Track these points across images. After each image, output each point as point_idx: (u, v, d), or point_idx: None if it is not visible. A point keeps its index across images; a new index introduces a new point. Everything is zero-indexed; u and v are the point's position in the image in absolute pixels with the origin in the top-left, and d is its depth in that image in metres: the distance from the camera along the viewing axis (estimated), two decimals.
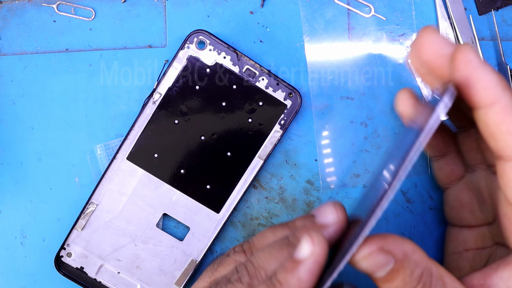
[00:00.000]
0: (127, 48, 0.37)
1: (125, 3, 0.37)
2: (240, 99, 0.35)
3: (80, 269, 0.36)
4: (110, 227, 0.36)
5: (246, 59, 0.35)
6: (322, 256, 0.22)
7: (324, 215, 0.24)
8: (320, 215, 0.25)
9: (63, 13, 0.37)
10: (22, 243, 0.37)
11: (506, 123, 0.21)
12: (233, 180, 0.36)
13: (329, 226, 0.24)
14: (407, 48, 0.37)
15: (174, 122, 0.35)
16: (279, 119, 0.36)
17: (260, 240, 0.27)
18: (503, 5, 0.37)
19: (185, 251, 0.36)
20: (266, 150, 0.36)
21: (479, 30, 0.38)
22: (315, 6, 0.37)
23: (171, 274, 0.36)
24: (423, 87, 0.37)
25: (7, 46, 0.37)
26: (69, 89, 0.37)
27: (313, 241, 0.22)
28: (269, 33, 0.37)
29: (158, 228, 0.36)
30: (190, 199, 0.36)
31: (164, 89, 0.35)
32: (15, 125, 0.37)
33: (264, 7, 0.37)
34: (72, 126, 0.37)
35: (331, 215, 0.24)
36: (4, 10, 0.37)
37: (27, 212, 0.37)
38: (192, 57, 0.35)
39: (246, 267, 0.24)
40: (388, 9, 0.37)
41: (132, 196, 0.36)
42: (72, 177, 0.37)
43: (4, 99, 0.37)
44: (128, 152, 0.35)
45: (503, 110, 0.21)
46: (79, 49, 0.37)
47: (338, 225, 0.24)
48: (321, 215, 0.24)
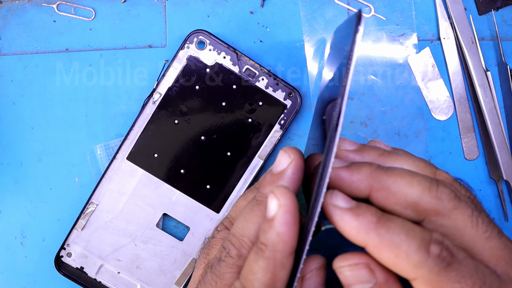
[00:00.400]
0: (127, 48, 0.37)
1: (125, 3, 0.37)
2: (240, 99, 0.35)
3: (80, 269, 0.36)
4: (110, 227, 0.36)
5: (246, 59, 0.35)
6: (290, 204, 0.22)
7: (278, 162, 0.25)
8: (275, 164, 0.25)
9: (63, 13, 0.37)
10: (22, 243, 0.37)
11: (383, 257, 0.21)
12: (233, 180, 0.36)
13: (286, 170, 0.25)
14: (406, 48, 0.37)
15: (174, 122, 0.35)
16: (279, 119, 0.36)
17: (235, 210, 0.28)
18: (503, 5, 0.37)
19: (185, 251, 0.36)
20: (266, 150, 0.36)
21: (479, 30, 0.38)
22: (315, 6, 0.37)
23: (171, 274, 0.36)
24: (423, 87, 0.37)
25: (7, 46, 0.37)
26: (69, 89, 0.37)
27: (275, 194, 0.23)
28: (269, 33, 0.37)
29: (158, 228, 0.36)
30: (190, 199, 0.36)
31: (164, 89, 0.35)
32: (15, 125, 0.37)
33: (264, 7, 0.37)
34: (72, 126, 0.37)
35: (283, 159, 0.25)
36: (4, 10, 0.37)
37: (27, 212, 0.37)
38: (192, 57, 0.35)
39: (230, 240, 0.25)
40: (388, 9, 0.37)
41: (132, 196, 0.36)
42: (72, 177, 0.37)
43: (4, 99, 0.37)
44: (128, 152, 0.35)
45: (374, 249, 0.21)
46: (79, 49, 0.37)
47: (294, 164, 0.25)
48: (276, 164, 0.25)
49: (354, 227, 0.21)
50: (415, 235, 0.21)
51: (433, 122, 0.37)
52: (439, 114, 0.37)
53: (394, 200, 0.22)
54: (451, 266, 0.20)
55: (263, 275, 0.22)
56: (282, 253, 0.22)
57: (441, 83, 0.37)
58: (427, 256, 0.20)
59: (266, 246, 0.22)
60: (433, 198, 0.22)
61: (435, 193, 0.22)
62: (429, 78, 0.37)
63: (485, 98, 0.36)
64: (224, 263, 0.24)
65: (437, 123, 0.37)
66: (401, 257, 0.21)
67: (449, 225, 0.22)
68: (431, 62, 0.37)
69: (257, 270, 0.22)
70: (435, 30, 0.37)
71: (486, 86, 0.36)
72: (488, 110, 0.36)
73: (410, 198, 0.22)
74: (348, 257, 0.22)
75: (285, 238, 0.22)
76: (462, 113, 0.37)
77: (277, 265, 0.22)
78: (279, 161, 0.25)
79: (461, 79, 0.37)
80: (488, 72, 0.37)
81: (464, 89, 0.37)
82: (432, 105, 0.37)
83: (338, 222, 0.22)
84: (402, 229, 0.21)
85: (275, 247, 0.22)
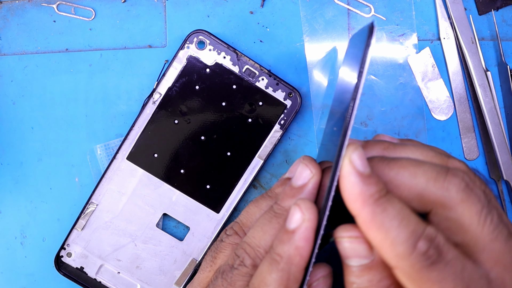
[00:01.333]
0: (127, 48, 0.37)
1: (125, 3, 0.37)
2: (240, 99, 0.35)
3: (80, 269, 0.36)
4: (110, 227, 0.36)
5: (246, 59, 0.35)
6: (314, 220, 0.22)
7: (299, 175, 0.24)
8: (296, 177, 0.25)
9: (63, 13, 0.37)
10: (22, 243, 0.37)
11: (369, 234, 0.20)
12: (233, 180, 0.36)
13: (307, 184, 0.24)
14: (406, 48, 0.37)
15: (174, 122, 0.35)
16: (279, 119, 0.36)
17: (247, 217, 0.27)
18: (503, 5, 0.37)
19: (185, 251, 0.36)
20: (266, 150, 0.36)
21: (479, 30, 0.38)
22: (315, 6, 0.37)
23: (171, 274, 0.36)
24: (423, 87, 0.37)
25: (7, 46, 0.37)
26: (69, 89, 0.37)
27: (301, 208, 0.22)
28: (269, 33, 0.37)
29: (158, 228, 0.36)
30: (190, 199, 0.36)
31: (164, 89, 0.35)
32: (15, 125, 0.37)
33: (264, 7, 0.37)
34: (72, 126, 0.37)
35: (305, 172, 0.24)
36: (4, 10, 0.37)
37: (27, 212, 0.37)
38: (192, 57, 0.35)
39: (245, 249, 0.24)
40: (388, 9, 0.37)
41: (132, 196, 0.36)
42: (72, 177, 0.37)
43: (4, 99, 0.37)
44: (128, 152, 0.35)
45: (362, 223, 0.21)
46: (79, 49, 0.37)
47: (315, 179, 0.24)
48: (296, 177, 0.24)
49: (354, 193, 0.20)
50: (407, 225, 0.20)
51: (433, 122, 0.37)
52: (439, 114, 0.37)
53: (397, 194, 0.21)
54: (434, 266, 0.20)
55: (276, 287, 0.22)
56: (297, 267, 0.22)
57: (441, 83, 0.37)
58: (412, 251, 0.20)
59: (281, 258, 0.22)
60: (439, 188, 0.21)
61: (441, 183, 0.21)
62: (429, 78, 0.37)
63: (485, 98, 0.36)
64: (237, 271, 0.24)
65: (437, 123, 0.37)
66: (386, 243, 0.20)
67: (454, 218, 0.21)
68: (431, 62, 0.37)
69: (270, 282, 0.22)
70: (435, 30, 0.37)
71: (486, 86, 0.36)
72: (488, 110, 0.36)
73: (415, 190, 0.21)
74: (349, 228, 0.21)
75: (303, 253, 0.22)
76: (462, 113, 0.37)
77: (291, 278, 0.22)
78: (300, 174, 0.24)
79: (461, 79, 0.37)
80: (488, 72, 0.37)
81: (464, 89, 0.37)
82: (432, 105, 0.37)
83: (344, 178, 0.21)
84: (397, 215, 0.20)
85: (291, 260, 0.22)
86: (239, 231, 0.27)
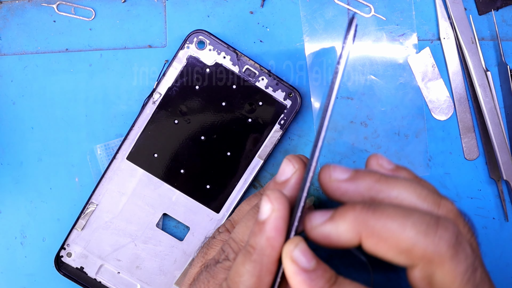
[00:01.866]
0: (127, 48, 0.37)
1: (125, 3, 0.37)
2: (240, 99, 0.35)
3: (80, 269, 0.36)
4: (110, 227, 0.36)
5: (246, 59, 0.35)
6: (283, 210, 0.22)
7: (282, 171, 0.25)
8: (279, 173, 0.25)
9: (63, 13, 0.37)
10: (22, 243, 0.37)
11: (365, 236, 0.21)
12: (233, 180, 0.36)
13: (290, 179, 0.24)
14: (406, 48, 0.37)
15: (174, 122, 0.35)
16: (279, 119, 0.36)
17: (238, 214, 0.28)
18: (503, 5, 0.37)
19: (185, 251, 0.36)
20: (266, 150, 0.36)
21: (479, 30, 0.38)
22: (315, 6, 0.37)
23: (171, 274, 0.36)
24: (423, 87, 0.37)
25: (7, 46, 0.37)
26: (69, 89, 0.37)
27: (269, 199, 0.22)
28: (269, 33, 0.37)
29: (158, 228, 0.36)
30: (190, 199, 0.36)
31: (164, 89, 0.35)
32: (15, 125, 0.37)
33: (264, 7, 0.37)
34: (72, 126, 0.37)
35: (288, 168, 0.25)
36: (4, 10, 0.37)
37: (27, 212, 0.37)
38: (192, 57, 0.35)
39: (230, 244, 0.25)
40: (388, 9, 0.37)
41: (132, 196, 0.36)
42: (72, 177, 0.37)
43: (4, 99, 0.37)
44: (128, 152, 0.35)
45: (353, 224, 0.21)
46: (79, 49, 0.37)
47: (297, 174, 0.24)
48: (279, 172, 0.25)
49: None
50: None
51: (433, 122, 0.37)
52: (439, 114, 0.37)
53: (385, 247, 0.21)
54: None
55: (249, 278, 0.22)
56: (269, 258, 0.22)
57: (441, 83, 0.37)
58: None
59: (254, 249, 0.22)
60: (429, 244, 0.20)
61: (432, 238, 0.20)
62: (429, 78, 0.37)
63: (485, 98, 0.36)
64: (221, 264, 0.24)
65: (437, 123, 0.37)
66: None
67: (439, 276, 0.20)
68: (431, 62, 0.37)
69: (243, 272, 0.22)
70: (435, 30, 0.37)
71: (486, 86, 0.36)
72: (488, 110, 0.36)
73: (403, 244, 0.20)
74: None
75: (274, 243, 0.22)
76: (462, 113, 0.37)
77: (263, 269, 0.22)
78: (283, 170, 0.25)
79: (461, 79, 0.37)
80: (488, 72, 0.36)
81: (464, 89, 0.37)
82: (432, 105, 0.37)
83: (290, 279, 0.21)
84: None
85: (263, 251, 0.22)
86: (230, 228, 0.28)
